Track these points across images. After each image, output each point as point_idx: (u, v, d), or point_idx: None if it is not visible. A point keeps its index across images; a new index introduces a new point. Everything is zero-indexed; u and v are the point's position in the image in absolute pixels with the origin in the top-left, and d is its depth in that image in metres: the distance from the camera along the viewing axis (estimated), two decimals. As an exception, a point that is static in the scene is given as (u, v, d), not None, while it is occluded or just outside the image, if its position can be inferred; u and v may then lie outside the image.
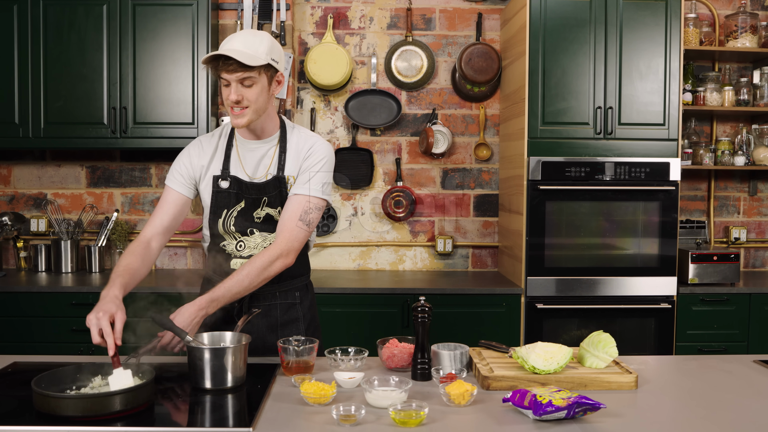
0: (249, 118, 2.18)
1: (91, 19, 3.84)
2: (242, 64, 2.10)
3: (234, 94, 2.14)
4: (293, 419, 1.71)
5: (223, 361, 1.89)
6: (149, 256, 2.25)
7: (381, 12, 4.35)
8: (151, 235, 2.28)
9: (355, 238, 4.39)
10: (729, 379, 2.08)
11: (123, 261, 2.17)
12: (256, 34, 2.18)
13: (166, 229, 2.30)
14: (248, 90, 2.15)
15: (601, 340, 2.04)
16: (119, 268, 2.13)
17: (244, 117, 2.17)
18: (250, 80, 2.14)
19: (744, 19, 4.10)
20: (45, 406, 1.67)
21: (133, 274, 2.14)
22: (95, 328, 1.89)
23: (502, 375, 1.95)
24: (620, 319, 3.79)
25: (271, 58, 2.16)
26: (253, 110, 2.18)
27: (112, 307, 1.94)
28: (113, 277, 2.09)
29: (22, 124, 3.86)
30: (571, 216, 3.78)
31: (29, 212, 4.32)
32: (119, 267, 2.14)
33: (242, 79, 2.13)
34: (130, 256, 2.19)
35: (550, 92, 3.74)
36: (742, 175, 4.47)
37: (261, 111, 2.21)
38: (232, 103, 2.16)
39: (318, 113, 4.34)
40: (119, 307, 1.95)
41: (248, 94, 2.15)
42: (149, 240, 2.27)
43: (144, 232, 2.28)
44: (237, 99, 2.14)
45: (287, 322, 2.37)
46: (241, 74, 2.12)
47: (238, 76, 2.13)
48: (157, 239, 2.28)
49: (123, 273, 2.11)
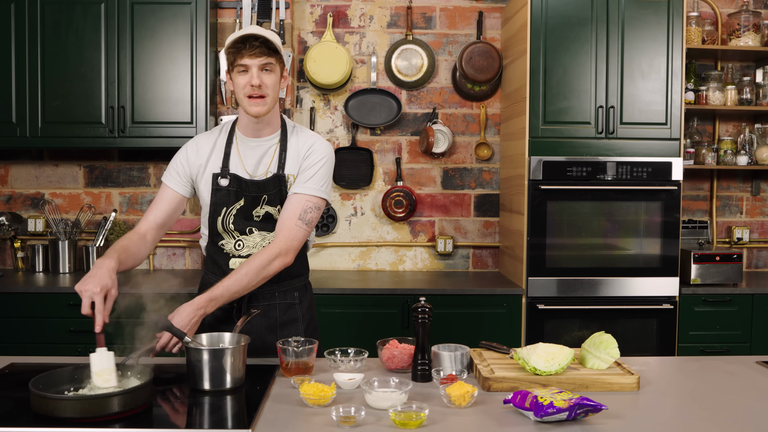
0: (268, 106, 2.20)
1: (89, 18, 3.82)
2: (268, 46, 2.13)
3: (256, 78, 2.15)
4: (292, 421, 1.70)
5: (222, 362, 1.89)
6: (144, 246, 2.25)
7: (381, 10, 4.33)
8: (146, 228, 2.28)
9: (355, 238, 4.37)
10: (731, 381, 2.08)
11: (120, 242, 2.17)
12: (265, 30, 2.21)
13: (160, 225, 2.31)
14: (268, 76, 2.18)
15: (603, 341, 2.05)
16: (117, 246, 2.14)
17: (264, 105, 2.19)
18: (270, 66, 2.17)
19: (747, 17, 4.08)
20: (43, 408, 1.66)
21: (129, 256, 2.14)
22: (87, 299, 1.88)
23: (503, 376, 1.95)
24: (622, 320, 3.77)
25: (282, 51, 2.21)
26: (272, 98, 2.21)
27: (108, 281, 1.93)
28: (110, 251, 2.09)
29: (20, 123, 3.84)
30: (573, 216, 3.77)
31: (26, 212, 4.31)
32: (117, 245, 2.15)
33: (264, 64, 2.16)
34: (127, 240, 2.20)
35: (551, 91, 3.73)
36: (745, 175, 4.45)
37: (274, 102, 2.23)
38: (254, 88, 2.16)
39: (317, 112, 4.32)
40: (114, 283, 1.96)
41: (268, 81, 2.18)
42: (144, 233, 2.27)
43: (139, 225, 2.28)
44: (259, 83, 2.15)
45: (286, 323, 2.36)
46: (264, 59, 2.15)
47: (261, 61, 2.15)
48: (151, 233, 2.29)
49: (120, 250, 2.11)
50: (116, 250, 2.10)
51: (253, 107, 2.19)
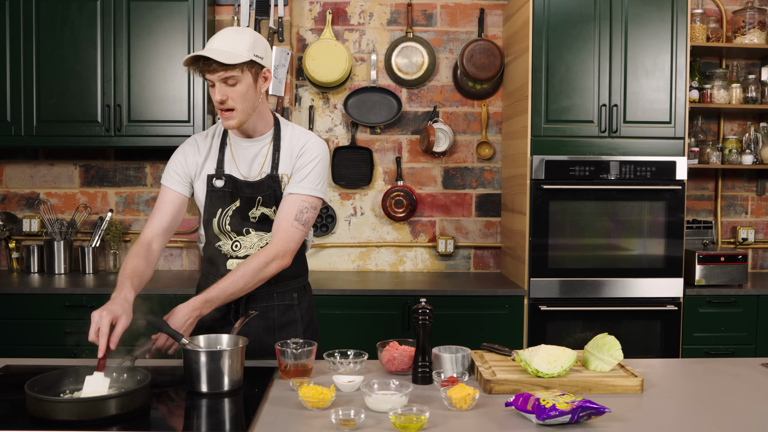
0: (239, 119, 2.16)
1: (85, 15, 3.79)
2: (222, 64, 2.07)
3: (218, 94, 2.12)
4: (291, 424, 1.70)
5: (220, 365, 1.89)
6: (152, 258, 2.22)
7: (381, 7, 4.30)
8: (152, 236, 2.25)
9: (355, 238, 4.34)
10: (736, 383, 2.07)
11: (128, 264, 2.14)
12: (237, 31, 2.15)
13: (165, 229, 2.28)
14: (233, 89, 2.12)
15: (606, 342, 2.05)
16: (126, 271, 2.11)
17: (233, 119, 2.16)
18: (233, 79, 2.11)
19: (752, 14, 4.05)
20: (39, 410, 1.66)
21: (141, 277, 2.12)
22: (94, 326, 1.87)
23: (505, 378, 1.95)
24: (625, 322, 3.75)
25: (254, 54, 2.12)
26: (241, 110, 2.15)
27: (118, 309, 1.92)
28: (121, 279, 2.07)
29: (15, 122, 3.82)
30: (575, 216, 3.74)
31: (21, 212, 4.27)
32: (126, 269, 2.11)
33: (225, 78, 2.11)
34: (134, 259, 2.16)
35: (553, 89, 3.70)
36: (750, 175, 4.43)
37: (250, 110, 2.18)
38: (218, 103, 2.13)
39: (317, 111, 4.29)
40: (126, 311, 1.93)
41: (233, 94, 2.12)
42: (150, 241, 2.24)
43: (144, 234, 2.25)
44: (222, 99, 2.12)
45: (285, 324, 2.35)
46: (222, 74, 2.09)
47: (220, 75, 2.10)
48: (157, 240, 2.26)
49: (131, 275, 2.09)
50: (127, 276, 2.07)
51: (225, 121, 2.17)
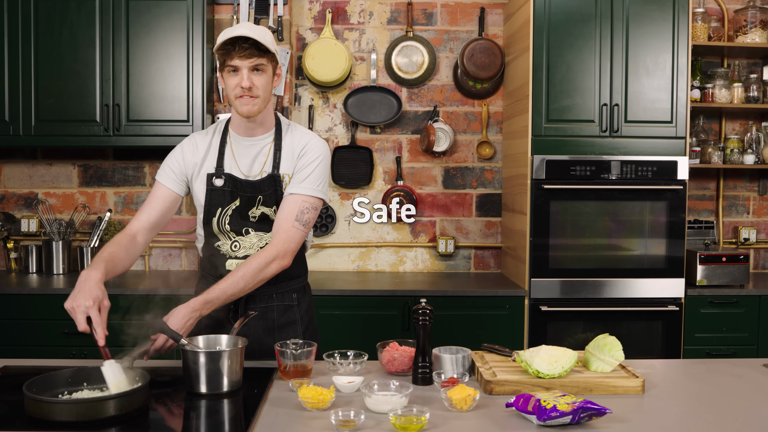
0: (259, 106, 2.18)
1: (83, 14, 3.78)
2: (258, 48, 2.10)
3: (246, 80, 2.12)
4: (291, 425, 1.70)
5: (219, 365, 1.89)
6: (134, 250, 2.20)
7: (381, 6, 4.28)
8: (137, 229, 2.23)
9: (355, 238, 4.32)
10: (738, 384, 2.06)
11: (108, 248, 2.11)
12: (257, 26, 2.18)
13: (153, 225, 2.26)
14: (258, 77, 2.15)
15: (607, 343, 2.05)
16: (104, 254, 2.08)
17: (255, 104, 2.17)
18: (261, 67, 2.14)
19: (754, 13, 4.04)
20: (37, 412, 1.66)
21: (116, 264, 2.09)
22: (82, 315, 1.84)
23: (505, 379, 1.95)
24: (626, 322, 3.74)
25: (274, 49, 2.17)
26: (263, 99, 2.18)
27: (99, 293, 1.89)
28: (96, 261, 2.03)
29: (13, 121, 3.80)
30: (576, 216, 3.73)
31: (20, 212, 4.26)
32: (103, 253, 2.08)
33: (256, 65, 2.13)
34: (114, 246, 2.13)
35: (554, 89, 3.69)
36: (752, 174, 4.41)
37: (267, 102, 2.21)
38: (244, 90, 2.13)
39: (316, 110, 4.27)
40: (104, 292, 1.91)
41: (258, 82, 2.15)
42: (135, 234, 2.22)
43: (130, 226, 2.24)
44: (249, 85, 2.13)
45: (284, 325, 2.35)
46: (255, 60, 2.12)
47: (252, 62, 2.12)
48: (143, 234, 2.24)
49: (107, 259, 2.05)
50: (103, 259, 2.04)
51: (244, 106, 2.16)
